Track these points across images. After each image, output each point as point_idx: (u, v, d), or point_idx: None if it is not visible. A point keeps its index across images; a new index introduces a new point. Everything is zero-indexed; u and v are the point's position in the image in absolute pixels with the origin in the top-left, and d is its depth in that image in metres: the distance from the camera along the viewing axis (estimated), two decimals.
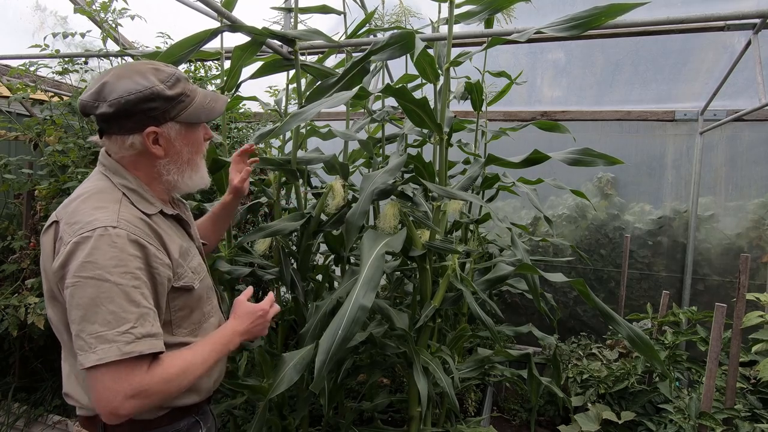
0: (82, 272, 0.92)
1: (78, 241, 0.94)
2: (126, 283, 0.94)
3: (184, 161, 1.13)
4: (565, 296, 3.71)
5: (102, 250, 0.93)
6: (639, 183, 3.55)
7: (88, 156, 2.51)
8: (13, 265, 2.56)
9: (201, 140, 1.17)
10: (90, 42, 2.83)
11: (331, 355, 1.14)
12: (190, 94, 1.10)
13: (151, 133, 1.05)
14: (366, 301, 1.20)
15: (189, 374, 1.02)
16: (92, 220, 0.96)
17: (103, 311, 0.91)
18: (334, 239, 1.99)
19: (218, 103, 1.16)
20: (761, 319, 2.32)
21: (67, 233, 0.96)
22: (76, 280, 0.92)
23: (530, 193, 2.25)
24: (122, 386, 0.91)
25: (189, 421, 1.17)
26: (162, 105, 1.05)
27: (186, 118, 1.09)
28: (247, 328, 1.18)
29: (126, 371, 0.92)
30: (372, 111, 2.19)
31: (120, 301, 0.92)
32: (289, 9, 2.14)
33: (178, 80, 1.08)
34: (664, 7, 2.74)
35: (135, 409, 0.93)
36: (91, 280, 0.91)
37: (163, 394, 0.97)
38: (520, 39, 1.54)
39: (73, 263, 0.93)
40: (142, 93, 1.02)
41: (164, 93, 1.04)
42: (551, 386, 2.05)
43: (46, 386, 2.79)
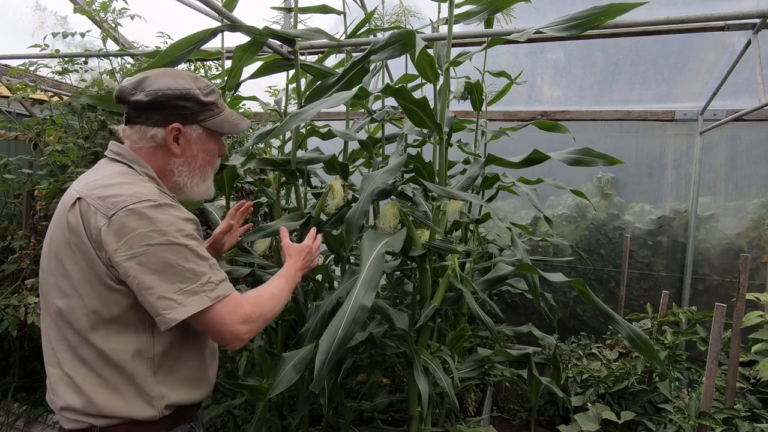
0: (148, 240, 0.97)
1: (127, 213, 0.97)
2: (191, 243, 1.02)
3: (197, 166, 1.18)
4: (565, 296, 3.71)
5: (161, 219, 0.99)
6: (639, 183, 3.55)
7: (88, 156, 2.51)
8: (13, 265, 2.56)
9: (216, 153, 1.23)
10: (90, 42, 2.83)
11: (331, 355, 1.14)
12: (220, 106, 1.18)
13: (174, 129, 1.11)
14: (366, 301, 1.20)
15: (275, 301, 1.17)
16: (132, 194, 1.00)
17: (180, 270, 0.99)
18: (334, 239, 1.99)
19: (243, 122, 1.23)
20: (761, 319, 2.32)
21: (105, 207, 0.98)
22: (144, 249, 0.96)
23: (530, 193, 2.25)
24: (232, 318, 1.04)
25: (185, 427, 1.15)
26: (194, 106, 1.12)
27: (211, 125, 1.16)
28: (303, 263, 1.36)
29: (225, 308, 1.03)
30: (372, 111, 2.18)
31: (192, 258, 1.01)
32: (288, 9, 2.14)
33: (212, 92, 1.17)
34: (664, 7, 2.74)
35: (250, 332, 1.07)
36: (160, 246, 0.97)
37: (261, 319, 1.10)
38: (520, 39, 1.53)
39: (133, 234, 0.96)
40: (179, 91, 1.10)
41: (199, 97, 1.13)
42: (551, 386, 2.05)
43: (45, 386, 2.79)
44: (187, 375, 1.13)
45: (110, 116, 2.57)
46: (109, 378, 1.02)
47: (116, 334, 1.01)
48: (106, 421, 1.03)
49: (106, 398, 1.02)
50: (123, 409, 1.02)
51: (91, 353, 1.01)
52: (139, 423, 1.05)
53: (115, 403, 1.02)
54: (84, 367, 1.02)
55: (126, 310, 1.01)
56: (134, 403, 1.03)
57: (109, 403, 1.02)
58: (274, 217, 2.01)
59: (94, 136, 2.54)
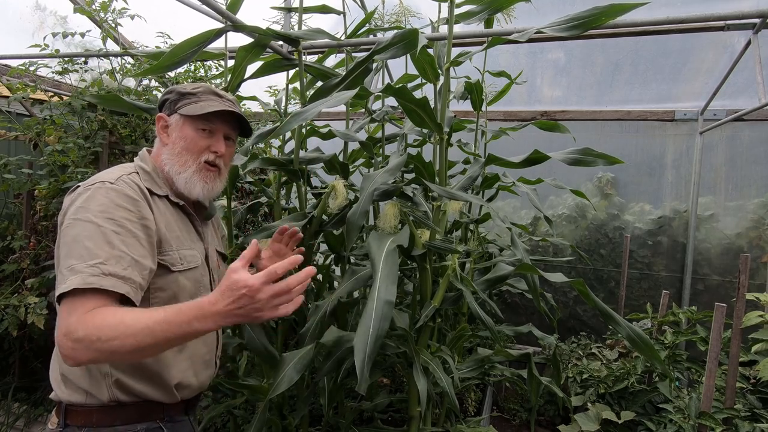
0: (73, 215, 1.01)
1: (81, 192, 1.05)
2: (107, 226, 1.00)
3: (176, 153, 1.20)
4: (565, 296, 3.71)
5: (95, 198, 1.03)
6: (639, 183, 3.55)
7: (88, 156, 2.51)
8: (13, 265, 2.56)
9: (196, 141, 1.21)
10: (90, 42, 2.83)
11: (368, 354, 1.12)
12: (201, 98, 1.22)
13: (159, 118, 1.24)
14: (389, 296, 1.20)
15: (120, 332, 0.87)
16: (97, 177, 1.09)
17: (79, 247, 0.97)
18: (335, 239, 1.99)
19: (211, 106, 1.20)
20: (761, 319, 2.32)
21: (78, 190, 1.07)
22: (68, 222, 1.01)
23: (530, 192, 2.25)
24: (63, 323, 0.91)
25: (150, 425, 1.13)
26: (173, 96, 1.23)
27: (185, 111, 1.21)
28: (228, 309, 0.88)
29: (77, 304, 0.92)
30: (372, 111, 2.19)
31: (97, 239, 0.98)
32: (289, 9, 2.14)
33: (200, 87, 1.24)
34: (664, 7, 2.74)
35: (70, 351, 0.88)
36: (78, 221, 1.00)
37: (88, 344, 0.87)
38: (520, 39, 1.54)
39: (71, 209, 1.03)
40: (168, 88, 1.25)
41: (179, 89, 1.23)
42: (551, 386, 2.05)
43: (46, 386, 2.79)
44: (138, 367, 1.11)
45: (110, 116, 2.57)
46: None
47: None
48: (68, 396, 1.09)
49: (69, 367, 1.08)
50: (84, 378, 1.08)
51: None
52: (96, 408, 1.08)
53: (78, 371, 1.09)
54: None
55: None
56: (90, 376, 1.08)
57: (71, 371, 1.09)
58: (274, 217, 2.01)
59: (94, 136, 2.54)
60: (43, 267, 2.56)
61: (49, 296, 2.43)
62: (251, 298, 0.87)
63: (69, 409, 1.09)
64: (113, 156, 2.64)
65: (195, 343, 1.20)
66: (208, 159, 1.22)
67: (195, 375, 1.22)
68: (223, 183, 1.28)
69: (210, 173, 1.23)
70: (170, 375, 1.14)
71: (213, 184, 1.23)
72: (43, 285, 2.46)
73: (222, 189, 1.29)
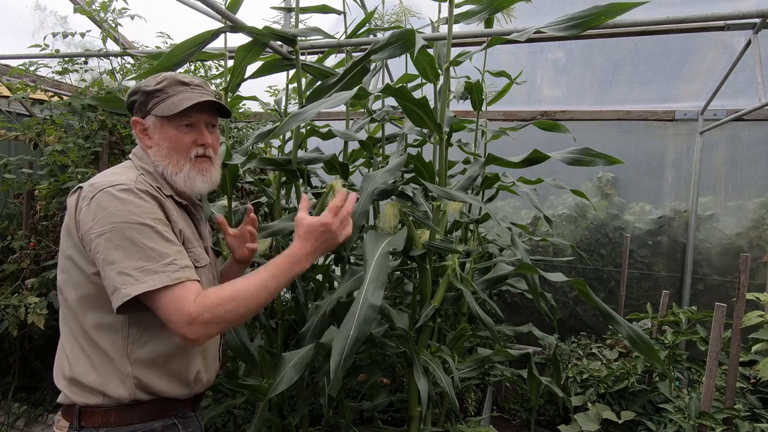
0: (115, 219, 1.00)
1: (103, 195, 1.03)
2: (159, 226, 1.04)
3: (164, 155, 1.18)
4: (565, 296, 3.71)
5: (131, 201, 1.03)
6: (639, 183, 3.55)
7: (88, 156, 2.51)
8: (13, 265, 2.56)
9: (181, 140, 1.18)
10: (90, 42, 2.83)
11: (345, 356, 1.13)
12: (169, 92, 1.17)
13: (135, 122, 1.20)
14: (375, 300, 1.20)
15: (241, 299, 1.01)
16: (113, 179, 1.07)
17: (144, 248, 0.99)
18: None
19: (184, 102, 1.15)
20: (761, 319, 2.32)
21: (89, 191, 1.05)
22: (111, 226, 1.00)
23: (530, 192, 2.25)
24: (185, 301, 0.98)
25: (166, 422, 1.14)
26: (140, 98, 1.18)
27: (157, 111, 1.17)
28: (315, 246, 1.10)
29: (181, 292, 0.99)
30: (372, 111, 2.19)
31: (157, 239, 1.02)
32: (288, 9, 2.14)
33: (162, 81, 1.18)
34: (664, 6, 2.74)
35: (200, 335, 0.98)
36: (126, 224, 1.00)
37: (220, 319, 0.99)
38: (520, 38, 1.54)
39: (104, 213, 1.01)
40: (132, 88, 1.20)
41: (144, 88, 1.18)
42: (551, 386, 2.05)
43: (46, 386, 2.79)
44: (162, 364, 1.12)
45: (110, 116, 2.57)
46: (88, 351, 1.08)
47: (95, 310, 1.07)
48: (83, 398, 1.08)
49: (84, 369, 1.08)
50: (97, 381, 1.07)
51: (75, 326, 1.09)
52: (114, 407, 1.08)
53: (90, 375, 1.07)
54: (71, 338, 1.10)
55: (100, 288, 1.05)
56: (108, 379, 1.07)
57: (86, 373, 1.08)
58: (274, 217, 2.01)
59: (94, 136, 2.54)
60: (43, 267, 2.56)
61: (49, 296, 2.43)
62: (328, 231, 1.11)
63: (84, 411, 1.08)
64: (113, 156, 2.64)
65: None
66: (198, 153, 1.20)
67: (206, 369, 1.25)
68: (218, 169, 1.27)
69: (204, 164, 1.22)
70: (189, 369, 1.18)
71: (210, 174, 1.23)
72: (43, 285, 2.46)
73: (219, 176, 1.28)
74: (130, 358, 1.08)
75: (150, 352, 1.10)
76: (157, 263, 0.99)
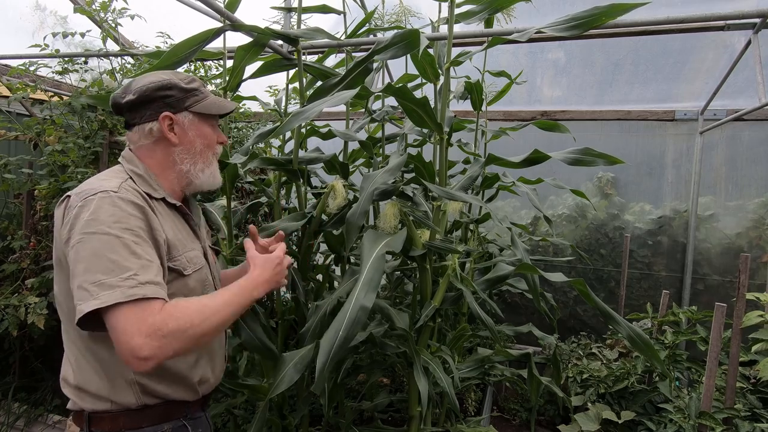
0: (85, 229, 0.97)
1: (82, 204, 1.01)
2: (127, 237, 0.99)
3: (197, 152, 1.21)
4: (565, 296, 3.71)
5: (104, 209, 0.99)
6: (639, 183, 3.55)
7: (88, 156, 2.51)
8: (13, 265, 2.56)
9: (213, 137, 1.26)
10: (90, 42, 2.83)
11: (332, 356, 1.13)
12: (203, 92, 1.22)
13: (166, 117, 1.16)
14: (366, 302, 1.19)
15: (207, 314, 1.00)
16: (96, 187, 1.04)
17: (104, 261, 0.95)
18: (335, 239, 1.99)
19: (229, 103, 1.28)
20: (761, 319, 2.32)
21: (74, 200, 1.04)
22: (80, 237, 0.97)
23: (530, 192, 2.25)
24: (135, 326, 0.91)
25: (175, 424, 1.15)
26: (178, 94, 1.17)
27: (199, 108, 1.20)
28: (270, 276, 1.20)
29: (135, 313, 0.92)
30: (372, 111, 2.19)
31: (121, 251, 0.96)
32: (289, 9, 2.14)
33: (194, 80, 1.22)
34: (664, 7, 2.74)
35: (155, 350, 0.92)
36: (93, 235, 0.97)
37: (180, 335, 0.95)
38: (521, 39, 1.54)
39: (78, 223, 0.99)
40: (161, 83, 1.15)
41: (181, 85, 1.18)
42: (551, 386, 2.05)
43: (46, 386, 2.79)
44: (165, 368, 1.12)
45: (110, 116, 2.57)
46: (91, 360, 1.07)
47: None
48: (92, 405, 1.07)
49: (89, 376, 1.07)
50: (104, 388, 1.07)
51: (75, 336, 1.08)
52: (122, 412, 1.08)
53: (96, 382, 1.07)
54: (74, 346, 1.09)
55: None
56: (114, 385, 1.07)
57: (91, 381, 1.07)
58: (274, 217, 2.01)
59: (94, 136, 2.54)
60: (43, 267, 2.56)
61: (48, 296, 2.43)
62: (281, 265, 1.24)
63: (93, 417, 1.08)
64: (113, 156, 2.63)
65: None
66: (216, 151, 1.28)
67: (212, 370, 1.26)
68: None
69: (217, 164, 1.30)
70: (193, 373, 1.18)
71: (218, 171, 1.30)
72: (43, 285, 2.46)
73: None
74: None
75: None
76: (115, 277, 0.93)
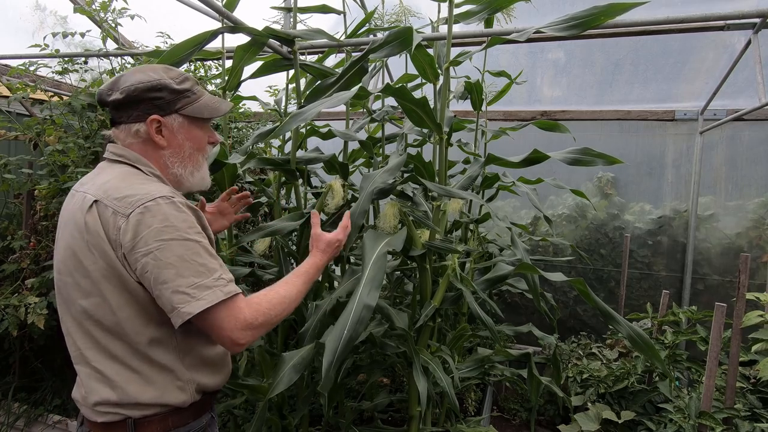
0: (163, 236, 0.99)
1: (143, 210, 0.99)
2: (202, 240, 1.04)
3: (186, 155, 1.17)
4: (565, 296, 3.71)
5: (174, 215, 1.01)
6: (639, 183, 3.55)
7: (88, 156, 2.51)
8: (13, 265, 2.56)
9: (204, 140, 1.21)
10: (90, 42, 2.83)
11: (337, 356, 1.14)
12: (196, 92, 1.17)
13: (154, 120, 1.11)
14: (370, 300, 1.20)
15: (285, 304, 1.12)
16: (147, 192, 1.02)
17: (194, 265, 1.00)
18: None
19: (223, 105, 1.21)
20: (761, 319, 2.32)
21: (121, 206, 1.01)
22: (159, 244, 0.98)
23: (530, 192, 2.25)
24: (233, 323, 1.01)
25: (207, 416, 1.19)
26: (168, 95, 1.12)
27: (190, 111, 1.15)
28: (330, 257, 1.33)
29: (230, 309, 1.01)
30: (372, 111, 2.19)
31: (204, 254, 1.02)
32: (288, 9, 2.14)
33: (186, 79, 1.16)
34: (664, 6, 2.74)
35: (250, 338, 1.04)
36: (174, 241, 0.99)
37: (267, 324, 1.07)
38: (520, 38, 1.54)
39: (149, 230, 0.98)
40: (151, 83, 1.10)
41: (171, 85, 1.12)
42: (551, 386, 2.05)
43: (46, 386, 2.79)
44: (211, 358, 1.16)
45: (110, 116, 2.56)
46: (140, 369, 1.05)
47: (141, 327, 1.04)
48: (140, 412, 1.06)
49: (140, 388, 1.05)
50: (157, 397, 1.06)
51: (119, 347, 1.04)
52: (171, 412, 1.09)
53: (148, 392, 1.06)
54: (114, 361, 1.05)
55: (146, 305, 1.04)
56: (167, 390, 1.07)
57: (142, 392, 1.05)
58: (274, 217, 2.01)
59: (94, 136, 2.54)
60: (43, 267, 2.56)
61: (48, 296, 2.43)
62: (340, 245, 1.36)
63: (140, 422, 1.07)
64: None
65: None
66: (206, 152, 1.25)
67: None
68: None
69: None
70: (229, 359, 1.25)
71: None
72: (43, 285, 2.46)
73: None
74: (184, 364, 1.10)
75: (197, 353, 1.13)
76: (208, 278, 1.00)
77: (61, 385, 2.72)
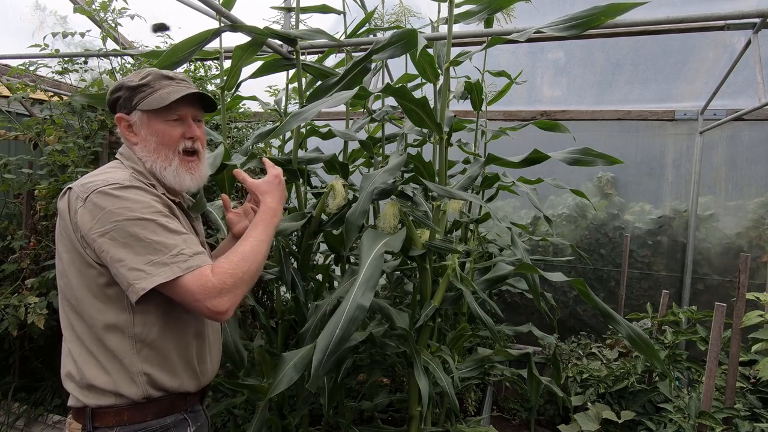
0: (115, 217, 1.01)
1: (99, 194, 1.03)
2: (161, 218, 1.05)
3: (151, 150, 1.18)
4: (565, 296, 3.71)
5: (130, 198, 1.04)
6: (639, 183, 3.55)
7: (88, 156, 2.51)
8: (13, 265, 2.56)
9: (169, 133, 1.18)
10: (90, 42, 2.83)
11: (328, 354, 1.13)
12: (154, 86, 1.17)
13: (119, 118, 1.19)
14: (364, 301, 1.19)
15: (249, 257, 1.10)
16: (108, 177, 1.07)
17: (150, 243, 1.01)
18: (335, 239, 1.99)
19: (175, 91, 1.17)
20: (761, 319, 2.32)
21: (82, 191, 1.05)
22: (113, 225, 1.01)
23: (530, 192, 2.25)
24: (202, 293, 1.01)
25: (176, 417, 1.17)
26: (125, 93, 1.17)
27: (144, 105, 1.16)
28: (279, 194, 1.28)
29: (197, 279, 1.02)
30: (372, 110, 2.19)
31: (162, 232, 1.03)
32: (289, 8, 2.14)
33: (147, 75, 1.18)
34: (664, 6, 2.74)
35: (228, 302, 1.04)
36: (129, 221, 1.01)
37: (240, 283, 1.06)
38: (520, 38, 1.53)
39: (103, 212, 1.02)
40: (114, 86, 1.19)
41: (127, 84, 1.17)
42: (551, 386, 2.05)
43: (46, 386, 2.79)
44: (171, 359, 1.14)
45: (110, 116, 2.57)
46: (97, 353, 1.08)
47: (99, 311, 1.07)
48: (96, 401, 1.08)
49: (95, 372, 1.08)
50: (109, 383, 1.08)
51: (81, 329, 1.09)
52: (127, 406, 1.09)
53: (101, 377, 1.08)
54: (78, 342, 1.10)
55: (104, 288, 1.07)
56: (120, 380, 1.08)
57: (97, 376, 1.08)
58: None
59: (94, 135, 2.54)
60: (43, 267, 2.56)
61: (48, 296, 2.43)
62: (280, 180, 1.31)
63: (96, 412, 1.09)
64: (113, 156, 2.63)
65: (208, 328, 1.26)
66: (186, 147, 1.20)
67: (210, 360, 1.27)
68: (206, 166, 1.28)
69: (191, 163, 1.22)
70: (195, 360, 1.21)
71: (198, 172, 1.24)
72: (43, 285, 2.46)
73: (208, 172, 1.29)
74: (139, 356, 1.09)
75: (157, 347, 1.12)
76: (165, 255, 1.01)
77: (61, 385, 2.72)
